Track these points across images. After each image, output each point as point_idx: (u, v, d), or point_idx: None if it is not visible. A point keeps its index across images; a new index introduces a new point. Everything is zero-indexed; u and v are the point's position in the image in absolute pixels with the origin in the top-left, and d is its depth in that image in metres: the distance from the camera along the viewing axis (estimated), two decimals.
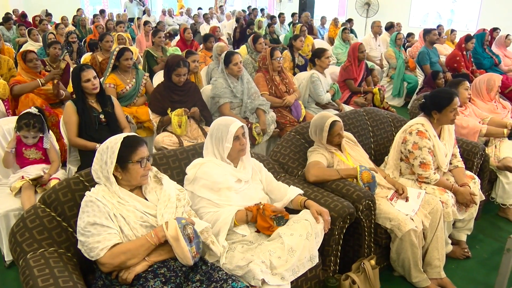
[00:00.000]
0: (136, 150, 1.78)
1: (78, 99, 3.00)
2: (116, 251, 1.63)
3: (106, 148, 1.77)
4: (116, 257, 1.62)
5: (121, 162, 1.76)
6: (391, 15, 10.90)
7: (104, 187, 1.77)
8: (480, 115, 3.46)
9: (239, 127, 2.12)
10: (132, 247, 1.65)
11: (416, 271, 2.40)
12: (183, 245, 1.63)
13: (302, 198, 2.20)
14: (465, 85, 3.33)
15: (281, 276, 1.85)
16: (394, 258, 2.45)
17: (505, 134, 3.21)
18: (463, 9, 11.44)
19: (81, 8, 11.82)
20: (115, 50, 3.82)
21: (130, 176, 1.78)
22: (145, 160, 1.80)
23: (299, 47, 5.62)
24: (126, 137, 1.80)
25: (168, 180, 1.97)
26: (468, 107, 3.47)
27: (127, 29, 9.26)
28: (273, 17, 10.07)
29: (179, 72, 3.36)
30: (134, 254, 1.65)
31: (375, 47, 7.41)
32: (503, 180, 3.16)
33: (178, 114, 3.29)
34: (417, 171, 2.64)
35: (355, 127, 3.01)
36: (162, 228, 1.68)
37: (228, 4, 16.51)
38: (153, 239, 1.67)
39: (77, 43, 6.38)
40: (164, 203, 1.84)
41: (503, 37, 6.78)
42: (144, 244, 1.67)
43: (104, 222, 1.66)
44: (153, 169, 1.98)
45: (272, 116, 3.86)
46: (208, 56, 5.61)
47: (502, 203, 3.22)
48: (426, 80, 5.77)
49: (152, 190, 1.90)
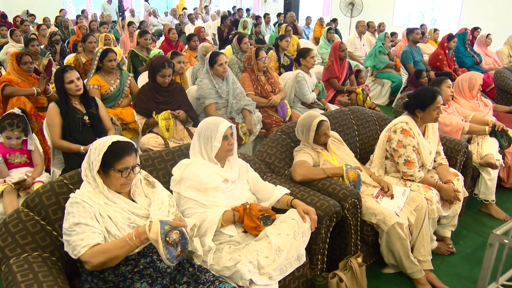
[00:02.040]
0: (121, 159, 1.73)
1: (62, 100, 2.95)
2: (96, 250, 1.59)
3: (95, 148, 1.74)
4: (95, 257, 1.58)
5: (104, 166, 1.72)
6: (375, 15, 11.02)
7: (90, 188, 1.74)
8: (463, 113, 3.51)
9: (228, 127, 2.12)
10: (112, 248, 1.60)
11: (409, 262, 2.42)
12: (161, 251, 1.56)
13: (288, 197, 2.20)
14: (447, 83, 3.38)
15: (269, 275, 1.85)
16: (385, 253, 2.48)
17: (486, 132, 3.26)
18: (445, 9, 11.63)
19: (64, 9, 11.64)
20: (98, 51, 3.77)
21: (110, 182, 1.75)
22: (129, 170, 1.75)
23: (285, 47, 5.64)
24: (116, 142, 1.75)
25: (160, 185, 1.97)
26: (451, 105, 3.52)
27: (111, 30, 9.18)
28: (259, 17, 10.08)
29: (164, 73, 3.34)
30: (114, 254, 1.59)
31: (360, 47, 7.48)
32: (485, 177, 3.21)
33: (165, 118, 3.27)
34: (402, 169, 2.67)
35: (341, 126, 3.03)
36: (144, 230, 1.60)
37: (213, 4, 16.46)
38: (134, 241, 1.59)
39: (60, 44, 6.29)
40: (158, 207, 1.82)
41: (483, 37, 6.90)
42: (124, 246, 1.60)
43: (89, 222, 1.64)
44: (143, 172, 1.96)
45: (258, 116, 3.86)
46: (193, 56, 5.58)
47: (485, 199, 3.28)
48: (410, 79, 5.83)
49: (141, 194, 1.88)
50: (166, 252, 1.56)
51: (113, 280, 1.69)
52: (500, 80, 4.80)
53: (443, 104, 3.33)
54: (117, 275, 1.69)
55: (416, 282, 2.47)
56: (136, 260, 1.71)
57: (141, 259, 1.72)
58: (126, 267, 1.70)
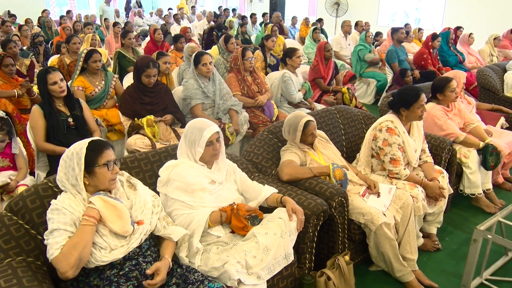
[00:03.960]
0: (102, 153, 1.74)
1: (45, 102, 2.91)
2: (66, 249, 1.56)
3: (72, 154, 1.72)
4: (69, 255, 1.55)
5: (87, 166, 1.71)
6: (360, 14, 11.11)
7: (70, 195, 1.72)
8: (469, 119, 3.44)
9: (213, 133, 2.09)
10: (77, 239, 1.59)
11: (399, 265, 2.43)
12: (117, 204, 1.61)
13: (278, 194, 2.20)
14: (451, 87, 3.28)
15: (257, 275, 1.85)
16: (373, 254, 2.49)
17: (479, 147, 3.21)
18: (428, 9, 11.79)
19: (47, 9, 11.47)
20: (83, 52, 3.73)
21: (98, 181, 1.74)
22: (112, 163, 1.76)
23: (271, 47, 5.65)
24: (90, 141, 1.75)
25: (142, 185, 1.94)
26: (455, 107, 3.44)
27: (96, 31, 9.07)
28: (244, 17, 10.08)
29: (149, 73, 3.32)
30: (83, 243, 1.58)
31: (346, 46, 7.53)
32: (467, 171, 3.23)
33: (149, 125, 3.24)
34: (387, 167, 2.70)
35: (327, 125, 3.05)
36: (90, 208, 1.65)
37: (199, 5, 16.40)
38: (89, 220, 1.62)
39: (44, 45, 6.20)
40: (140, 209, 1.81)
41: (466, 36, 7.02)
42: (84, 230, 1.61)
43: (68, 228, 1.62)
44: (125, 174, 1.94)
45: (244, 116, 3.86)
46: (179, 57, 5.56)
47: (471, 194, 3.32)
48: (395, 78, 5.90)
49: (123, 195, 1.85)
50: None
51: (98, 285, 1.67)
52: (483, 79, 4.89)
53: (447, 106, 3.35)
54: (103, 279, 1.67)
55: (407, 285, 2.47)
56: (122, 264, 1.70)
57: (127, 262, 1.71)
58: (111, 270, 1.68)
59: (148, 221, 1.79)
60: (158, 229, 1.85)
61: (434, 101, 3.38)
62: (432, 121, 3.28)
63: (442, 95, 3.32)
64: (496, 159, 3.20)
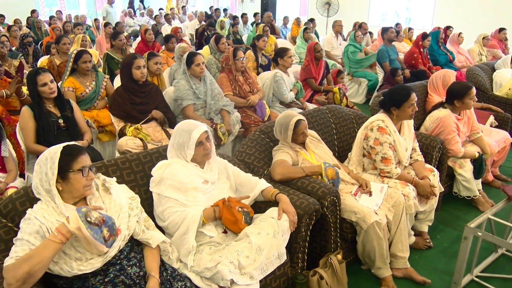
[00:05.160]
0: (76, 158, 1.68)
1: (35, 104, 2.89)
2: (18, 261, 1.48)
3: (45, 159, 1.66)
4: (18, 267, 1.46)
5: (62, 172, 1.65)
6: (351, 14, 11.17)
7: (44, 205, 1.66)
8: (475, 127, 3.42)
9: (201, 133, 2.08)
10: (34, 252, 1.50)
11: (381, 262, 2.46)
12: (86, 234, 1.51)
13: (274, 190, 2.20)
14: (471, 94, 3.18)
15: (250, 275, 1.85)
16: (360, 250, 2.51)
17: (475, 157, 3.23)
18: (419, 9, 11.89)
19: (36, 10, 11.35)
20: (73, 53, 3.70)
21: (72, 187, 1.68)
22: (87, 169, 1.70)
23: (262, 47, 5.66)
24: (65, 146, 1.70)
25: (118, 188, 1.88)
26: (465, 115, 3.36)
27: (86, 31, 9.01)
28: (236, 17, 10.07)
29: (138, 63, 3.31)
30: (39, 259, 1.48)
31: (337, 46, 7.56)
32: (459, 178, 3.27)
33: (135, 135, 3.24)
34: (379, 166, 2.71)
35: (319, 124, 3.06)
36: (63, 224, 1.53)
37: (190, 5, 16.35)
38: (57, 237, 1.51)
39: (33, 46, 6.14)
40: (116, 213, 1.75)
41: (456, 35, 7.09)
42: (47, 245, 1.50)
43: (30, 239, 1.56)
44: (101, 177, 1.88)
45: (236, 116, 3.86)
46: (170, 57, 5.54)
47: (467, 196, 3.34)
48: (386, 77, 5.94)
49: (98, 200, 1.79)
50: (92, 232, 1.53)
51: None
52: (472, 78, 4.93)
53: (458, 114, 3.27)
54: (88, 287, 1.63)
55: (383, 281, 2.49)
56: (105, 270, 1.66)
57: (110, 267, 1.67)
58: (95, 278, 1.64)
59: (125, 226, 1.74)
60: (136, 233, 1.80)
61: (449, 107, 3.29)
62: (443, 131, 3.20)
63: (460, 102, 3.21)
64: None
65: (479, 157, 3.23)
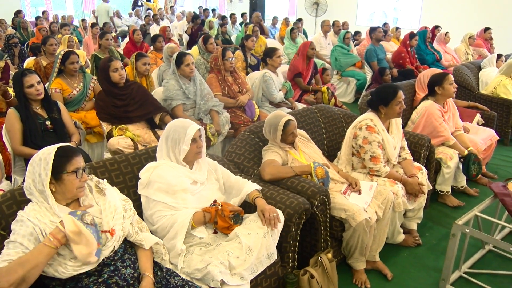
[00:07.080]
0: (71, 160, 1.67)
1: (21, 105, 2.85)
2: (12, 265, 1.47)
3: (39, 159, 1.65)
4: (12, 271, 1.45)
5: (55, 173, 1.64)
6: (339, 14, 11.22)
7: (36, 206, 1.65)
8: (457, 125, 3.47)
9: (196, 130, 2.09)
10: (29, 257, 1.49)
11: (359, 255, 2.49)
12: (88, 236, 1.51)
13: (254, 194, 2.19)
14: (449, 79, 3.32)
15: (241, 275, 1.85)
16: (343, 244, 2.53)
17: (464, 154, 3.28)
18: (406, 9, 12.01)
19: (22, 11, 11.20)
20: (60, 54, 3.66)
21: (65, 188, 1.67)
22: (81, 171, 1.70)
23: (251, 47, 5.66)
24: (60, 147, 1.69)
25: (112, 190, 1.88)
26: (450, 109, 3.47)
27: (73, 32, 8.92)
28: (224, 17, 10.06)
29: (115, 66, 3.27)
30: (33, 263, 1.48)
31: (325, 46, 7.58)
32: (444, 170, 3.30)
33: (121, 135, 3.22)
34: (368, 164, 2.73)
35: (308, 124, 3.07)
36: (58, 229, 1.53)
37: (178, 5, 16.28)
38: (52, 242, 1.51)
39: (19, 46, 6.06)
40: (111, 215, 1.75)
41: (443, 34, 7.17)
42: (42, 250, 1.50)
43: (24, 242, 1.54)
44: (94, 179, 1.88)
45: (226, 116, 3.85)
46: (159, 57, 5.51)
47: (440, 190, 3.39)
48: (374, 76, 5.98)
49: (92, 201, 1.78)
50: (91, 231, 1.55)
51: None
52: (459, 76, 4.99)
53: (443, 106, 3.37)
54: (81, 287, 1.62)
55: (356, 272, 2.53)
56: (99, 270, 1.65)
57: (104, 268, 1.66)
58: (89, 278, 1.63)
59: (120, 227, 1.74)
60: (130, 234, 1.80)
61: (431, 98, 3.41)
62: (429, 119, 3.30)
63: (441, 88, 3.33)
64: (478, 168, 3.30)
65: (468, 155, 3.27)
